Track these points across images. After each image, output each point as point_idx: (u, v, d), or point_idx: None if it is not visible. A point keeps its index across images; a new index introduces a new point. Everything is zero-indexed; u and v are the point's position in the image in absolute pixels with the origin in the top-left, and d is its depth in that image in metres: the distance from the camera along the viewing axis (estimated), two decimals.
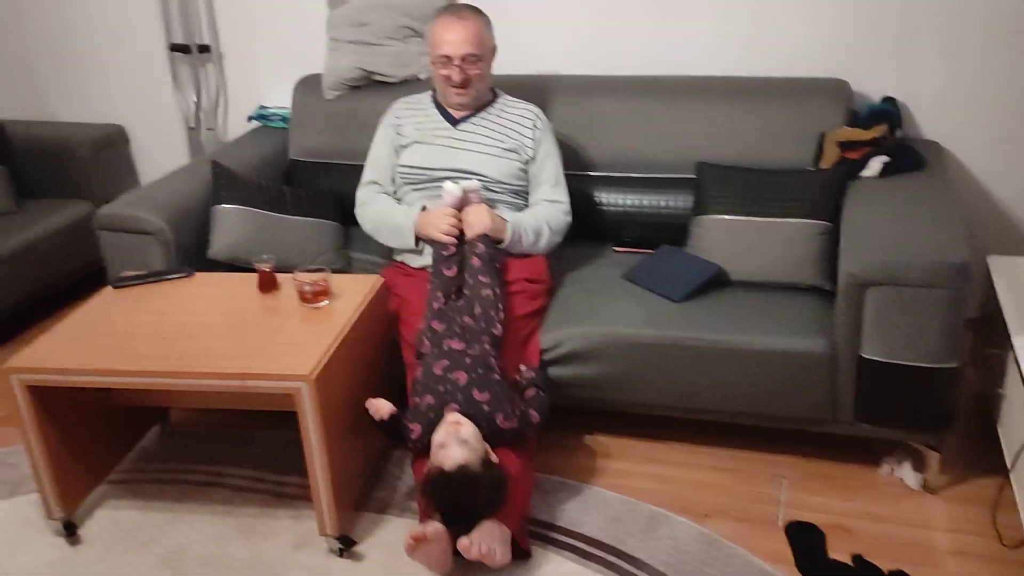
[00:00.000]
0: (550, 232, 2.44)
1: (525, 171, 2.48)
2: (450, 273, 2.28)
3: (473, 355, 2.07)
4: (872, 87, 2.70)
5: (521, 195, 2.49)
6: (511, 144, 2.46)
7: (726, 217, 2.40)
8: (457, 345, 2.09)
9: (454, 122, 2.49)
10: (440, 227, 2.33)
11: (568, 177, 2.55)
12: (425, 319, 2.21)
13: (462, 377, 2.01)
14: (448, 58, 2.37)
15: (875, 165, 2.39)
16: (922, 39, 2.63)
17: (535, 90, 2.73)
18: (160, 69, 3.46)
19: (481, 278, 2.23)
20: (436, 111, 2.52)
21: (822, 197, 2.33)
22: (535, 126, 2.49)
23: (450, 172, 2.42)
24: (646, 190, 2.68)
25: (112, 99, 3.59)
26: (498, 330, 2.15)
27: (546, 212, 2.45)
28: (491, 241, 2.32)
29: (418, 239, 2.41)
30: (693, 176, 2.57)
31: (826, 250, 2.29)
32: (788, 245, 2.32)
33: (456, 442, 1.88)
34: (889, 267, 1.96)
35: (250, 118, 3.28)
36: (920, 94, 2.68)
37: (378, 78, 2.95)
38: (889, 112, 2.55)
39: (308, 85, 3.04)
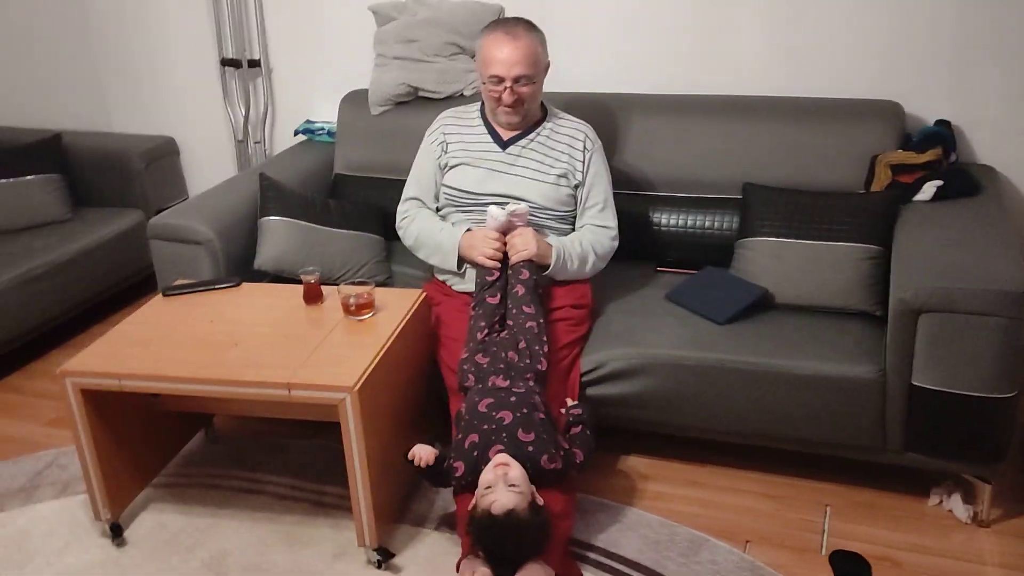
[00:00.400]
0: (595, 258, 2.38)
1: (574, 196, 2.43)
2: (493, 301, 2.25)
3: (518, 393, 2.03)
4: (926, 110, 2.66)
5: (568, 220, 2.44)
6: (561, 169, 2.39)
7: (772, 239, 2.38)
8: (502, 383, 2.06)
9: (503, 144, 2.42)
10: (484, 251, 2.29)
11: (613, 196, 2.53)
12: (468, 350, 2.17)
13: (507, 416, 1.98)
14: (499, 78, 2.28)
15: (928, 189, 2.35)
16: (978, 62, 2.58)
17: (583, 107, 2.72)
18: (211, 83, 3.53)
19: (525, 308, 2.20)
20: (484, 129, 2.46)
21: (873, 220, 2.29)
22: (585, 147, 2.42)
23: (498, 197, 2.37)
24: (692, 210, 2.66)
25: (164, 112, 3.67)
26: (543, 365, 2.12)
27: (592, 237, 2.39)
28: (536, 267, 2.28)
29: (460, 261, 2.38)
30: (739, 197, 2.56)
31: (876, 275, 2.25)
32: (836, 269, 2.28)
33: (504, 486, 1.84)
34: (943, 294, 1.92)
35: (297, 132, 3.33)
36: (975, 118, 2.64)
37: (424, 94, 2.98)
38: (943, 135, 2.51)
39: (354, 100, 3.08)
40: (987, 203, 2.33)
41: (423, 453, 1.97)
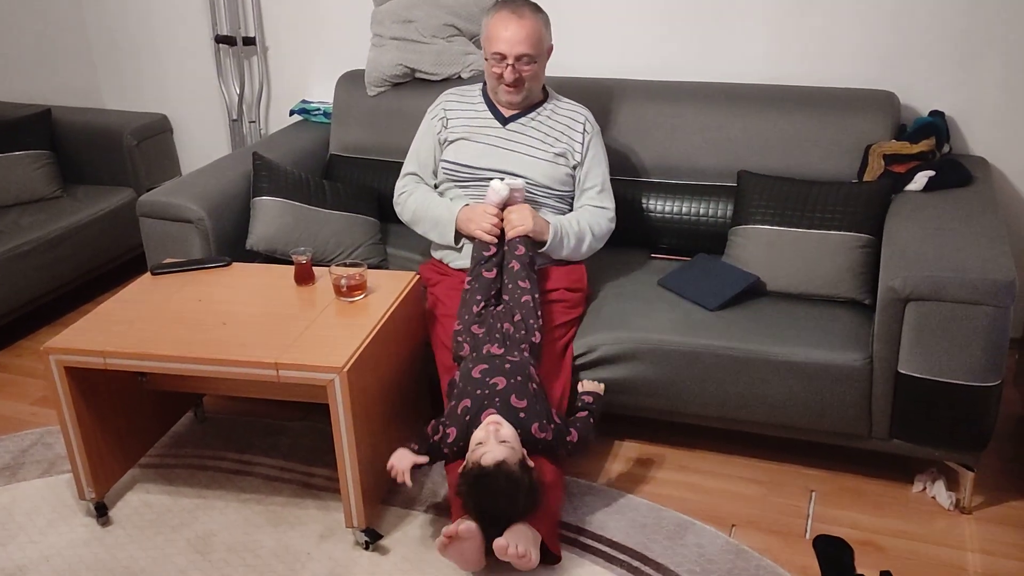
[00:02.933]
0: (592, 238, 2.40)
1: (572, 176, 2.44)
2: (489, 275, 2.27)
3: (513, 361, 2.05)
4: (921, 100, 2.66)
5: (566, 200, 2.46)
6: (560, 148, 2.41)
7: (765, 227, 2.38)
8: (497, 350, 2.09)
9: (503, 121, 2.44)
10: (483, 225, 2.30)
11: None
12: (463, 321, 2.19)
13: (501, 382, 2.00)
14: (502, 56, 2.31)
15: (920, 179, 2.36)
16: (975, 53, 2.58)
17: (579, 91, 2.71)
18: (205, 60, 3.51)
19: (520, 283, 2.22)
20: (485, 106, 2.47)
21: (865, 210, 2.30)
22: (585, 130, 2.44)
23: (497, 172, 2.39)
24: (686, 197, 2.66)
25: (157, 89, 3.65)
26: (537, 338, 2.14)
27: (590, 217, 2.41)
28: (532, 243, 2.30)
29: (458, 236, 2.39)
30: (734, 184, 2.56)
31: (867, 263, 2.26)
32: (828, 257, 2.29)
33: (495, 441, 1.87)
34: (932, 282, 1.93)
35: (292, 112, 3.32)
36: (970, 109, 2.64)
37: (420, 76, 2.96)
38: (937, 126, 2.51)
39: (350, 81, 3.06)
40: (978, 194, 2.33)
41: (402, 465, 1.94)
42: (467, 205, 2.38)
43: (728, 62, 2.82)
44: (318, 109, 3.25)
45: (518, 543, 1.82)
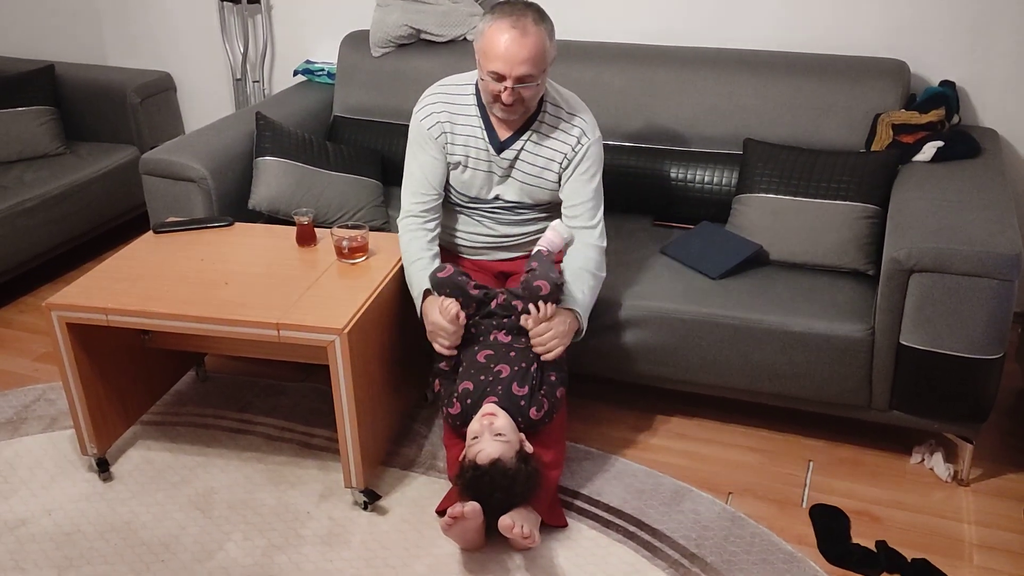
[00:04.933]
0: (597, 282, 2.18)
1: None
2: (451, 353, 2.07)
3: (519, 349, 2.02)
4: (931, 70, 2.63)
5: (555, 208, 2.26)
6: (554, 171, 2.18)
7: (770, 196, 2.37)
8: (504, 338, 2.05)
9: (499, 148, 2.17)
10: (440, 340, 2.04)
11: (612, 148, 2.50)
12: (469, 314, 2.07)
13: (504, 370, 1.98)
14: (500, 76, 2.01)
15: (928, 150, 2.33)
16: (987, 23, 2.54)
17: (584, 56, 2.69)
18: (209, 18, 3.47)
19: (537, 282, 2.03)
20: (480, 122, 2.17)
21: (871, 180, 2.28)
22: (580, 143, 2.15)
23: (491, 202, 2.23)
24: (691, 164, 2.63)
25: (161, 46, 3.61)
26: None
27: (591, 264, 2.15)
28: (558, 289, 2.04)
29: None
30: (739, 152, 2.53)
31: (871, 234, 2.25)
32: (832, 227, 2.27)
33: (490, 435, 1.86)
34: (935, 254, 1.92)
35: (296, 72, 3.29)
36: (981, 80, 2.60)
37: (426, 37, 2.93)
38: (947, 96, 2.47)
39: (355, 41, 3.03)
40: (987, 166, 2.31)
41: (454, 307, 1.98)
42: (430, 295, 2.10)
43: (737, 28, 2.78)
44: (322, 70, 3.22)
45: (523, 523, 1.83)
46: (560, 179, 2.19)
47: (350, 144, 2.89)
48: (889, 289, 2.00)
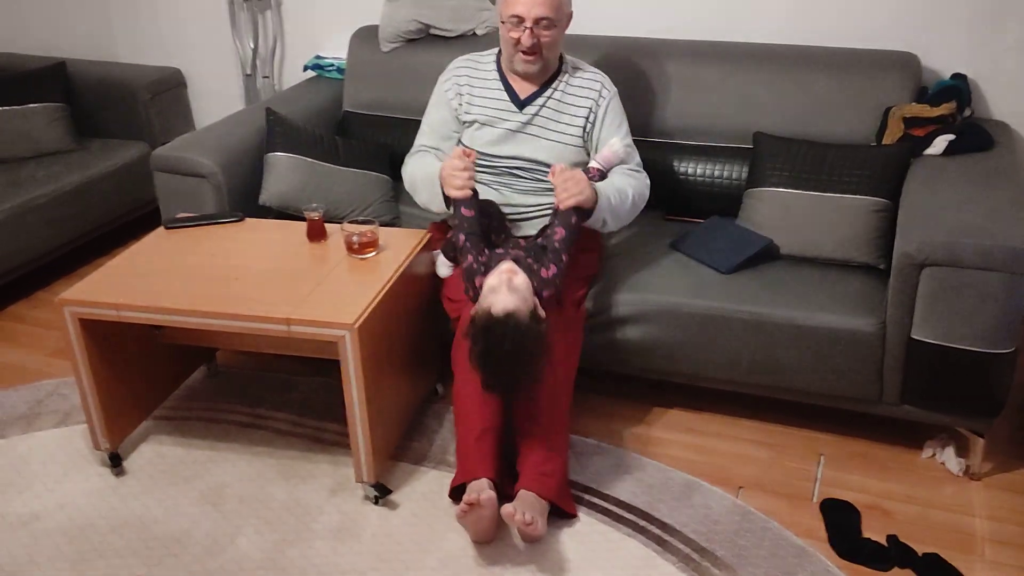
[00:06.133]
0: (632, 205, 2.25)
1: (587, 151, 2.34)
2: (469, 213, 2.12)
3: (529, 247, 2.11)
4: (943, 63, 2.61)
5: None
6: (577, 127, 2.29)
7: (781, 190, 2.36)
8: (515, 252, 2.11)
9: (520, 104, 2.30)
10: (453, 183, 2.11)
11: None
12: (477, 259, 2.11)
13: (519, 253, 2.06)
14: (520, 19, 2.16)
15: (940, 143, 2.32)
16: (999, 16, 2.52)
17: (600, 51, 2.68)
18: (219, 14, 3.48)
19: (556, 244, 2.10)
20: (500, 84, 2.32)
21: (882, 174, 2.27)
22: (601, 95, 2.31)
23: (514, 160, 2.30)
24: (701, 159, 2.63)
25: (171, 42, 3.62)
26: (552, 270, 2.05)
27: (631, 181, 2.25)
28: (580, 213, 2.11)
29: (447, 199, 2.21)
30: (750, 146, 2.53)
31: (882, 228, 2.24)
32: (843, 221, 2.26)
33: (508, 289, 1.90)
34: (947, 248, 1.91)
35: (306, 67, 3.29)
36: (992, 72, 2.59)
37: (435, 32, 2.93)
38: (959, 89, 2.46)
39: (365, 36, 3.03)
40: (998, 159, 2.30)
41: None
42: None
43: (747, 21, 2.77)
44: (332, 65, 3.22)
45: (526, 511, 1.83)
46: (585, 135, 2.30)
47: (360, 139, 2.90)
48: (900, 283, 1.99)
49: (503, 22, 2.23)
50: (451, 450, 2.24)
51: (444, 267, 2.26)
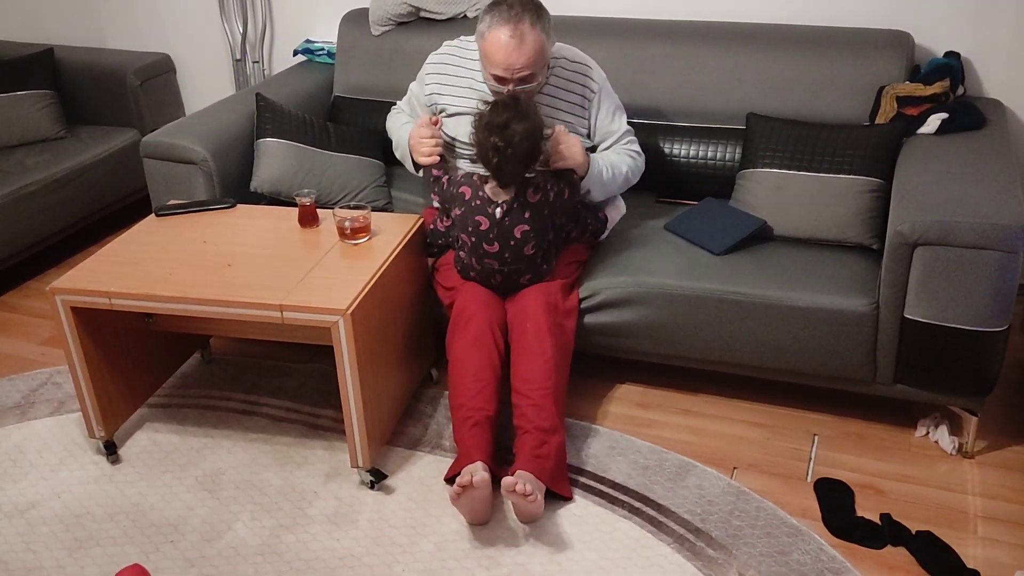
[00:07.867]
0: (624, 177, 2.33)
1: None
2: (438, 174, 2.26)
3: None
4: (936, 41, 2.60)
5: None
6: (567, 119, 2.28)
7: (774, 171, 2.35)
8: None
9: None
10: (421, 150, 2.25)
11: None
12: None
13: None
14: (503, 79, 2.14)
15: (933, 122, 2.32)
16: None
17: (590, 31, 2.67)
18: None
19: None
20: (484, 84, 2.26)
21: (876, 153, 2.26)
22: (590, 90, 2.30)
23: None
24: (694, 140, 2.62)
25: (159, 27, 3.59)
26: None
27: (628, 159, 2.33)
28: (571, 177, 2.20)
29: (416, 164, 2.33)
30: (742, 127, 2.52)
31: (876, 208, 2.24)
32: (837, 202, 2.26)
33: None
34: (940, 227, 1.91)
35: (296, 52, 3.27)
36: (985, 50, 2.58)
37: (425, 15, 2.91)
38: (952, 67, 2.45)
39: (355, 20, 3.01)
40: (992, 137, 2.29)
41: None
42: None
43: (741, 1, 2.75)
44: (322, 49, 3.20)
45: (526, 482, 1.84)
46: (578, 128, 2.31)
47: (351, 124, 2.88)
48: (893, 262, 1.99)
49: (484, 79, 2.20)
50: (446, 435, 2.24)
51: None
